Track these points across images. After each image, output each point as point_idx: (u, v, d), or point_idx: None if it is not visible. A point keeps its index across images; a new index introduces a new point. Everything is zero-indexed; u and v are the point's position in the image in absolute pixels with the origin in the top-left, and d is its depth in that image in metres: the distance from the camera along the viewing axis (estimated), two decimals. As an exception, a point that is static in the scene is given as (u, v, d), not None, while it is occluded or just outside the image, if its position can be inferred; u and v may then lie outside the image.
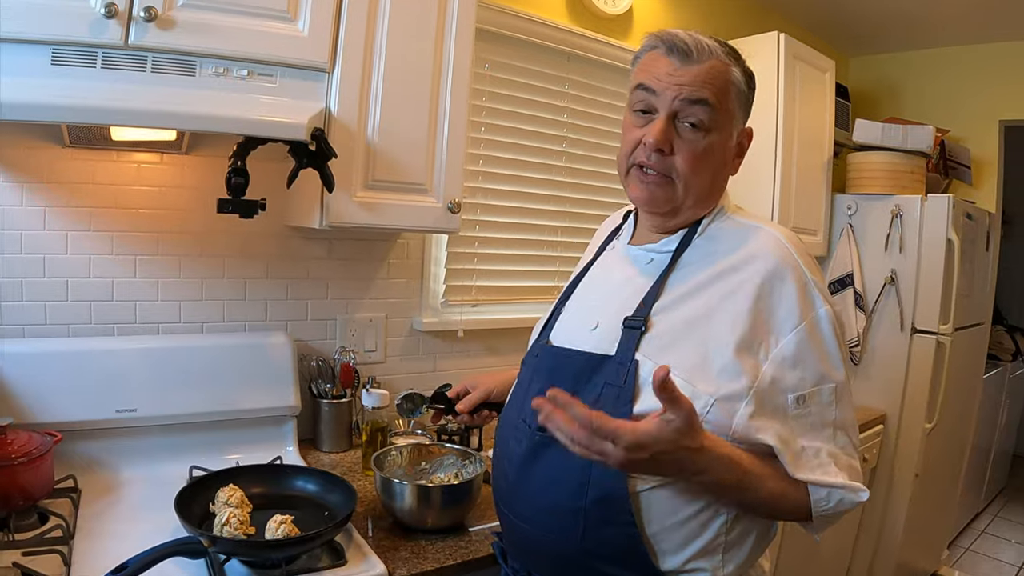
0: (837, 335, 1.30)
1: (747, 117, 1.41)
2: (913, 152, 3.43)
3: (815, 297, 1.28)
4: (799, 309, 1.26)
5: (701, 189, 1.36)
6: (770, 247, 1.31)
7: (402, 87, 1.96)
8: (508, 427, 1.46)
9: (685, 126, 1.32)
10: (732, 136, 1.38)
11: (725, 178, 1.42)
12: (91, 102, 1.50)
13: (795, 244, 1.33)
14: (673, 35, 1.33)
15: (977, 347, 4.00)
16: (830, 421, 1.28)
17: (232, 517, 1.53)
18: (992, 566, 4.36)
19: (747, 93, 1.38)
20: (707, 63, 1.31)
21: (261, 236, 2.24)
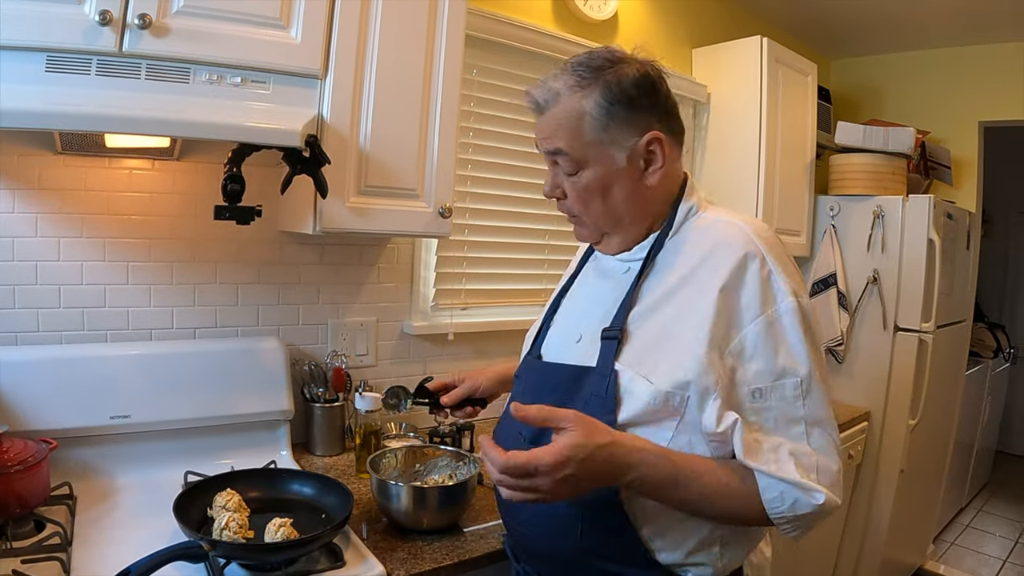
0: (805, 328, 1.26)
1: (648, 122, 1.32)
2: (894, 153, 3.47)
3: (778, 290, 1.26)
4: (759, 301, 1.25)
5: (611, 218, 1.39)
6: (736, 240, 1.30)
7: (394, 93, 1.97)
8: (504, 438, 1.46)
9: (561, 172, 1.37)
10: (616, 159, 1.33)
11: (642, 195, 1.36)
12: (86, 109, 1.50)
13: (764, 236, 1.30)
14: (530, 91, 1.37)
15: (959, 344, 4.05)
16: (798, 417, 1.25)
17: (231, 521, 1.53)
18: (977, 559, 4.41)
19: (616, 107, 1.30)
20: (556, 108, 1.33)
21: (253, 242, 2.24)
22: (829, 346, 3.48)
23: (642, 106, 1.31)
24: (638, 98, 1.30)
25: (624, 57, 1.34)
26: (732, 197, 3.36)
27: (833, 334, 3.46)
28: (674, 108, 1.37)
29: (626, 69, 1.31)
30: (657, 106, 1.33)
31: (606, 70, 1.30)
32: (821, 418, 1.26)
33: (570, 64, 1.34)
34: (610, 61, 1.32)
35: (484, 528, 1.77)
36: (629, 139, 1.31)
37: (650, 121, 1.32)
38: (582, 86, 1.31)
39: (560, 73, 1.34)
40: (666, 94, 1.35)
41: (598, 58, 1.33)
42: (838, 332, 3.45)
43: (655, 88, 1.33)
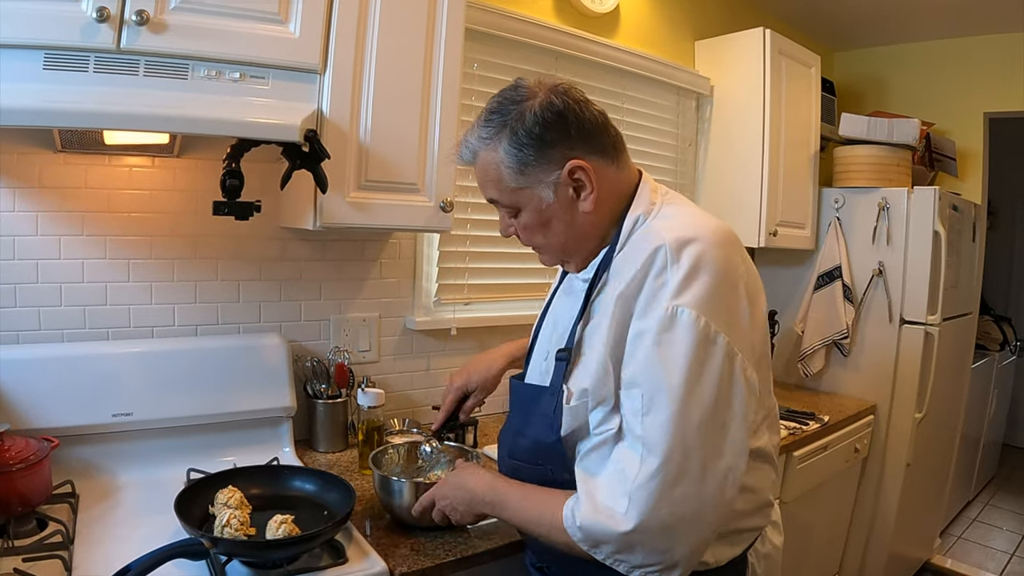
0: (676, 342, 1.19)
1: (564, 153, 1.32)
2: (899, 145, 3.45)
3: (663, 296, 1.22)
4: (643, 306, 1.24)
5: (559, 246, 1.42)
6: (647, 247, 1.27)
7: (393, 87, 1.96)
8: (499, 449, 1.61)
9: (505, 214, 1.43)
10: (544, 197, 1.34)
11: (582, 221, 1.37)
12: (85, 106, 1.50)
13: (676, 243, 1.24)
14: (458, 148, 1.43)
15: (965, 337, 4.03)
16: (636, 435, 1.22)
17: (232, 518, 1.53)
18: (984, 554, 4.39)
19: (526, 151, 1.31)
20: (477, 163, 1.39)
21: (254, 238, 2.23)
22: (835, 339, 3.47)
23: (552, 140, 1.31)
24: (545, 134, 1.30)
25: (528, 94, 1.33)
26: (736, 190, 3.36)
27: (839, 327, 3.44)
28: (593, 127, 1.35)
29: (528, 107, 1.31)
30: (569, 135, 1.32)
31: (510, 114, 1.32)
32: (655, 446, 1.18)
33: (483, 112, 1.37)
34: (513, 102, 1.33)
35: (487, 524, 1.75)
36: (550, 175, 1.32)
37: (565, 152, 1.32)
38: (491, 137, 1.34)
39: (475, 125, 1.38)
40: (578, 117, 1.32)
41: (506, 101, 1.34)
42: (843, 325, 3.43)
43: (562, 117, 1.31)
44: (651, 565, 1.21)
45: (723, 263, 1.24)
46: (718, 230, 1.30)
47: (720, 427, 1.20)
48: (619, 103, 3.16)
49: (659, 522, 1.17)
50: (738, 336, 1.22)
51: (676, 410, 1.18)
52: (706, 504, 1.19)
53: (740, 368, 1.22)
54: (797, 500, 2.84)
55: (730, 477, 1.20)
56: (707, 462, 1.18)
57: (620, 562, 1.23)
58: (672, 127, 3.47)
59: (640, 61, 3.15)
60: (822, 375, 3.64)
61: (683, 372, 1.18)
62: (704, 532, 1.20)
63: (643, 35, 3.26)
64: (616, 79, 3.13)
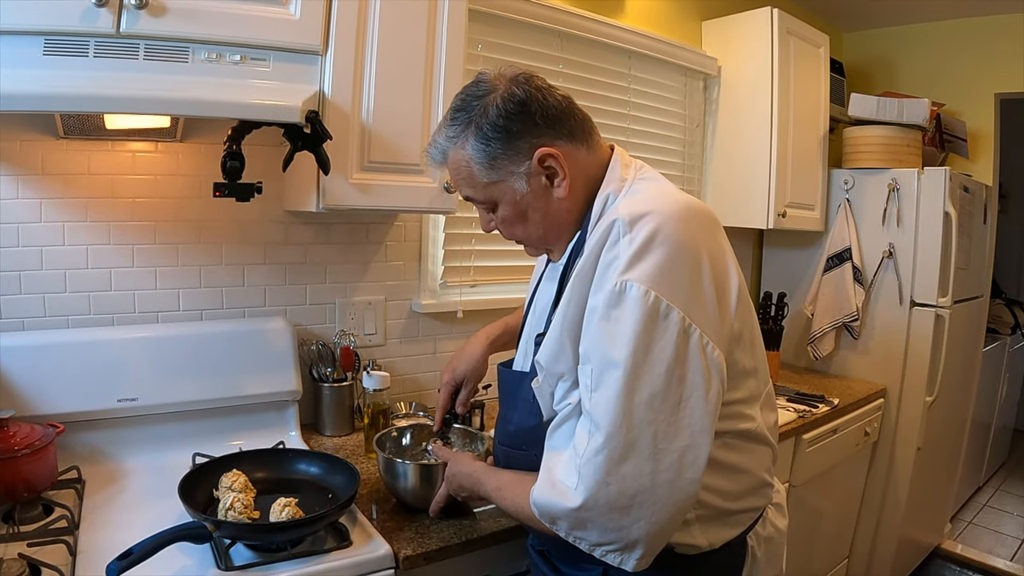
0: (623, 318, 1.17)
1: (531, 142, 1.32)
2: (909, 125, 3.42)
3: (615, 270, 1.20)
4: (598, 283, 1.23)
5: (539, 237, 1.42)
6: (603, 225, 1.26)
7: (396, 68, 1.95)
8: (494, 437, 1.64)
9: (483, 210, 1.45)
10: (517, 188, 1.35)
11: (558, 208, 1.37)
12: (85, 90, 1.50)
13: (630, 217, 1.22)
14: (427, 150, 1.43)
15: (976, 320, 4.00)
16: (587, 408, 1.21)
17: (236, 502, 1.53)
18: (995, 539, 4.38)
19: (493, 144, 1.32)
20: (449, 162, 1.40)
21: (258, 222, 2.23)
22: (845, 322, 3.45)
23: (518, 131, 1.31)
24: (510, 125, 1.31)
25: (489, 87, 1.34)
26: (744, 171, 3.35)
27: (849, 309, 3.42)
28: (558, 112, 1.34)
29: (490, 100, 1.32)
30: (535, 123, 1.31)
31: (473, 110, 1.33)
32: (601, 422, 1.17)
33: (449, 111, 1.38)
34: (476, 97, 1.33)
35: (493, 508, 1.76)
36: (520, 165, 1.32)
37: (533, 140, 1.32)
38: (458, 135, 1.35)
39: (442, 124, 1.39)
40: (542, 104, 1.32)
41: (468, 97, 1.35)
42: (853, 308, 3.40)
43: (525, 106, 1.31)
44: (608, 543, 1.20)
45: (680, 236, 1.20)
46: (681, 204, 1.26)
47: (675, 405, 1.17)
48: (626, 84, 3.14)
49: (607, 499, 1.16)
50: (698, 313, 1.19)
51: (622, 386, 1.16)
52: (660, 483, 1.16)
53: (698, 345, 1.18)
54: (806, 484, 2.83)
55: (688, 457, 1.17)
56: (659, 440, 1.16)
57: (579, 540, 1.23)
58: (679, 108, 3.44)
59: (647, 41, 3.12)
60: (832, 358, 3.62)
61: (629, 347, 1.16)
62: (661, 512, 1.17)
63: (650, 15, 3.24)
64: (623, 60, 3.11)
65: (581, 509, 1.18)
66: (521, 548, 1.67)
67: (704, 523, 1.33)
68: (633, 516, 1.16)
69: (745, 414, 1.35)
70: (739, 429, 1.34)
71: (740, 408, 1.34)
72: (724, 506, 1.35)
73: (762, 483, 1.43)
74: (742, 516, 1.40)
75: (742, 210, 3.34)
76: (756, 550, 1.46)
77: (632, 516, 1.16)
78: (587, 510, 1.17)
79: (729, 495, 1.35)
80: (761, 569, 1.48)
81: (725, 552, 1.39)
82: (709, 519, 1.34)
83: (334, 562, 1.48)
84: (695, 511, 1.31)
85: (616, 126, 3.11)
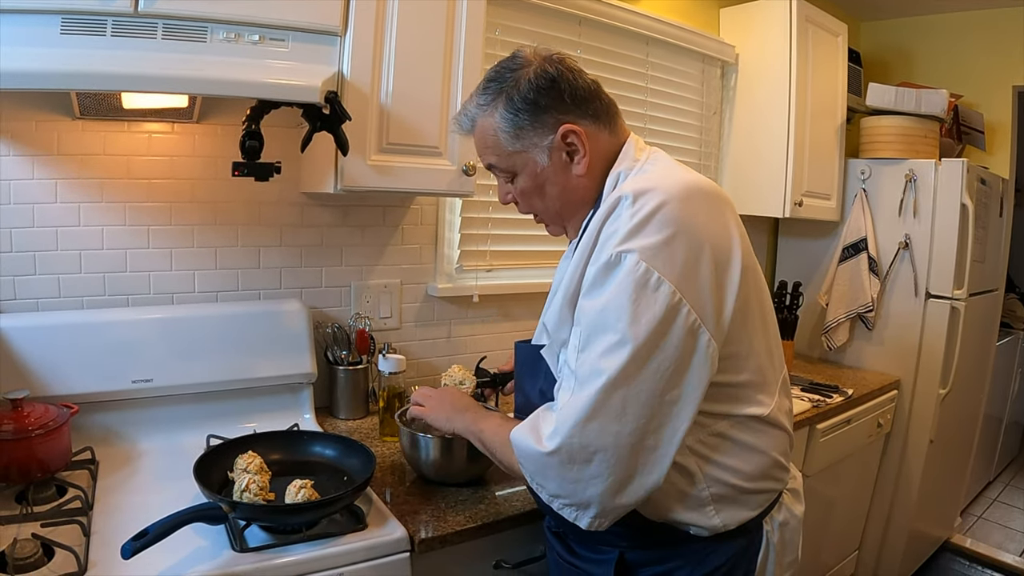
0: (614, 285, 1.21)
1: (557, 118, 1.37)
2: (927, 116, 3.38)
3: (612, 240, 1.23)
4: (597, 253, 1.27)
5: (555, 212, 1.47)
6: (611, 201, 1.30)
7: (415, 50, 1.94)
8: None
9: (503, 180, 1.49)
10: (539, 160, 1.39)
11: (576, 185, 1.41)
12: (103, 68, 1.50)
13: (634, 193, 1.26)
14: (455, 118, 1.49)
15: (990, 314, 3.98)
16: (572, 368, 1.26)
17: (252, 483, 1.53)
18: (1004, 534, 4.36)
19: (521, 115, 1.37)
20: (476, 130, 1.45)
21: (274, 204, 2.23)
22: (859, 312, 3.43)
23: (546, 105, 1.37)
24: (539, 99, 1.36)
25: (524, 62, 1.39)
26: (761, 160, 3.33)
27: (863, 300, 3.40)
28: (586, 93, 1.39)
29: (523, 74, 1.37)
30: (562, 100, 1.37)
31: (506, 81, 1.39)
32: (583, 381, 1.22)
33: (481, 82, 1.44)
34: (510, 70, 1.39)
35: (511, 492, 1.77)
36: (544, 139, 1.38)
37: (559, 116, 1.37)
38: (488, 103, 1.41)
39: (474, 93, 1.45)
40: (571, 84, 1.37)
41: (503, 70, 1.41)
42: (868, 298, 3.38)
43: (555, 83, 1.36)
44: (564, 496, 1.25)
45: (681, 215, 1.23)
46: (686, 183, 1.30)
47: (652, 375, 1.19)
48: (643, 70, 3.12)
49: (569, 450, 1.21)
50: (691, 292, 1.21)
51: (604, 349, 1.20)
52: (622, 444, 1.19)
53: (684, 322, 1.20)
54: (819, 474, 2.82)
55: (653, 424, 1.21)
56: (628, 405, 1.19)
57: (540, 487, 1.29)
58: (697, 95, 3.42)
59: (665, 28, 3.10)
60: (846, 348, 3.60)
61: (614, 314, 1.20)
62: (618, 474, 1.21)
63: (668, 2, 3.21)
64: (640, 46, 3.09)
65: (546, 455, 1.23)
66: (537, 532, 1.67)
67: (718, 502, 1.34)
68: (590, 472, 1.21)
69: (755, 398, 1.36)
70: (748, 413, 1.35)
71: (748, 392, 1.35)
72: (738, 484, 1.36)
73: (777, 465, 1.43)
74: (757, 497, 1.40)
75: (758, 198, 3.32)
76: (771, 535, 1.46)
77: (589, 472, 1.21)
78: (550, 457, 1.23)
79: (743, 475, 1.36)
80: (777, 554, 1.48)
81: (740, 535, 1.39)
82: (723, 498, 1.35)
83: (349, 545, 1.48)
84: (709, 489, 1.33)
85: (633, 112, 3.09)
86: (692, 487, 1.33)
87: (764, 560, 1.46)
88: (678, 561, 1.37)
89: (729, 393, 1.31)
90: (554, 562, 1.54)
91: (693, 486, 1.33)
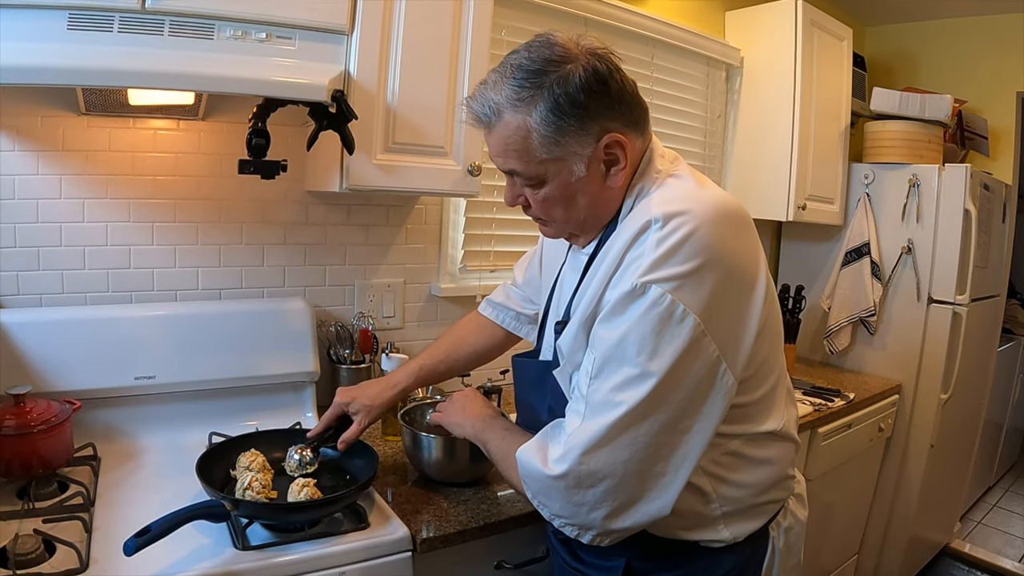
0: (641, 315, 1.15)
1: (604, 125, 1.23)
2: (931, 121, 3.39)
3: (636, 269, 1.17)
4: (619, 277, 1.21)
5: (576, 222, 1.34)
6: (638, 221, 1.22)
7: (422, 49, 1.94)
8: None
9: (520, 183, 1.32)
10: (575, 170, 1.25)
11: (607, 197, 1.30)
12: (110, 64, 1.49)
13: (664, 217, 1.18)
14: (469, 103, 1.29)
15: (992, 320, 3.98)
16: (582, 394, 1.22)
17: (254, 481, 1.53)
18: (1004, 540, 4.36)
19: (566, 120, 1.20)
20: (500, 126, 1.25)
21: (279, 202, 2.22)
22: (861, 317, 3.43)
23: (595, 110, 1.21)
24: (589, 103, 1.20)
25: (568, 55, 1.22)
26: (765, 163, 3.33)
27: (866, 304, 3.40)
28: (630, 97, 1.26)
29: (572, 69, 1.20)
30: (611, 105, 1.23)
31: (549, 74, 1.20)
32: (593, 410, 1.19)
33: (510, 67, 1.24)
34: (554, 63, 1.21)
35: (514, 493, 1.76)
36: (586, 148, 1.23)
37: (605, 123, 1.23)
38: (524, 99, 1.21)
39: (499, 80, 1.24)
40: (620, 86, 1.24)
41: (539, 59, 1.21)
42: (871, 302, 3.38)
43: (606, 85, 1.21)
44: (566, 517, 1.23)
45: (711, 243, 1.16)
46: (716, 206, 1.21)
47: (667, 407, 1.16)
48: (648, 72, 3.12)
49: (576, 476, 1.18)
50: (717, 325, 1.16)
51: (620, 381, 1.16)
52: (629, 472, 1.17)
53: (706, 355, 1.16)
54: (820, 478, 2.82)
55: (662, 453, 1.18)
56: (639, 435, 1.16)
57: (542, 506, 1.27)
58: (701, 98, 3.42)
59: (670, 30, 3.10)
60: (847, 352, 3.60)
61: (636, 346, 1.15)
62: (624, 501, 1.19)
63: (674, 4, 3.21)
64: (646, 48, 3.09)
65: (552, 478, 1.21)
66: (539, 533, 1.67)
67: (728, 517, 1.34)
68: (594, 497, 1.19)
69: (769, 414, 1.35)
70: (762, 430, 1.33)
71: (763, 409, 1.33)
72: (748, 500, 1.35)
73: (787, 475, 1.43)
74: (766, 508, 1.40)
75: (762, 202, 3.32)
76: (777, 541, 1.46)
77: (593, 496, 1.19)
78: (556, 481, 1.20)
79: (754, 488, 1.36)
80: (781, 559, 1.47)
81: (748, 544, 1.39)
82: (733, 513, 1.34)
83: (351, 543, 1.48)
84: (721, 508, 1.32)
85: None
86: (705, 507, 1.32)
87: (770, 565, 1.45)
88: (685, 569, 1.37)
89: (746, 413, 1.29)
90: (559, 567, 1.54)
91: (706, 505, 1.32)
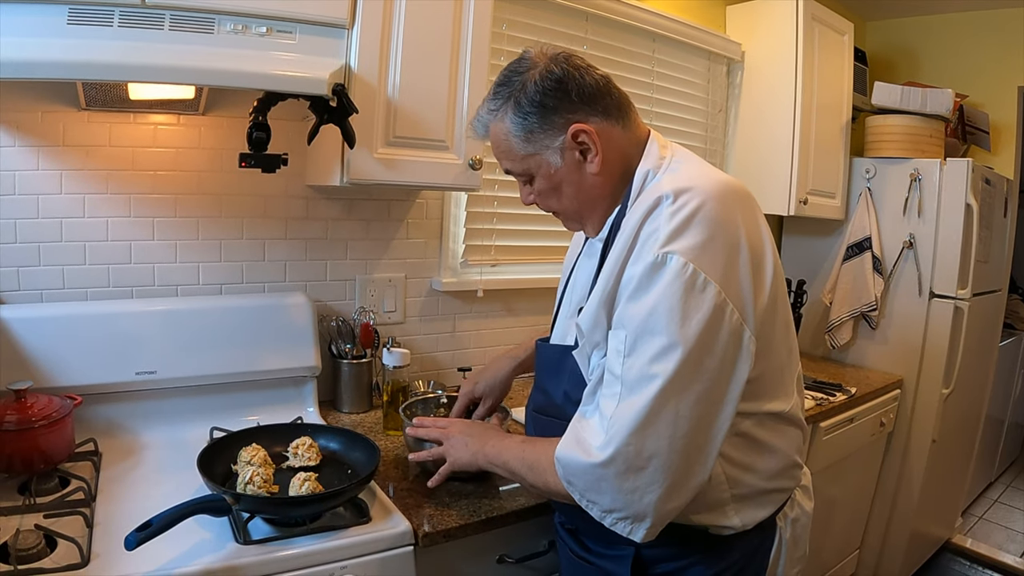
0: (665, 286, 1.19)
1: (566, 118, 1.35)
2: (932, 116, 3.38)
3: (656, 242, 1.22)
4: (637, 253, 1.25)
5: (573, 211, 1.46)
6: (649, 200, 1.28)
7: (422, 43, 1.93)
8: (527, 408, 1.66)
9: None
10: (552, 162, 1.38)
11: (591, 184, 1.39)
12: (110, 58, 1.49)
13: (675, 193, 1.25)
14: (471, 123, 1.48)
15: (993, 314, 3.98)
16: (616, 375, 1.24)
17: (256, 475, 1.53)
18: (1005, 535, 4.36)
19: (530, 118, 1.35)
20: (491, 136, 1.44)
21: (279, 197, 2.22)
22: (863, 311, 3.42)
23: (553, 106, 1.35)
24: (546, 100, 1.34)
25: (530, 64, 1.37)
26: (766, 158, 3.32)
27: (867, 299, 3.39)
28: (594, 90, 1.36)
29: (529, 77, 1.35)
30: (570, 99, 1.34)
31: (514, 85, 1.37)
32: (633, 387, 1.20)
33: (493, 86, 1.43)
34: (517, 73, 1.38)
35: (515, 487, 1.75)
36: (555, 140, 1.36)
37: (568, 116, 1.35)
38: (498, 108, 1.39)
39: (485, 99, 1.44)
40: (578, 82, 1.35)
41: (511, 73, 1.39)
42: (872, 297, 3.38)
43: (561, 83, 1.34)
44: (619, 510, 1.22)
45: (721, 215, 1.23)
46: (722, 184, 1.30)
47: (701, 376, 1.19)
48: (649, 67, 3.12)
49: (626, 458, 1.19)
50: (734, 291, 1.21)
51: (654, 353, 1.18)
52: (676, 449, 1.19)
53: (730, 321, 1.20)
54: (821, 472, 2.81)
55: (703, 424, 1.21)
56: (680, 408, 1.18)
57: (591, 504, 1.25)
58: (702, 92, 3.41)
59: (671, 24, 3.10)
60: (849, 347, 3.59)
61: (664, 317, 1.18)
62: (673, 479, 1.20)
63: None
64: (647, 43, 3.09)
65: (600, 466, 1.20)
66: (541, 527, 1.67)
67: (738, 502, 1.35)
68: (645, 479, 1.19)
69: (775, 393, 1.36)
70: (768, 410, 1.35)
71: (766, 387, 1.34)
72: (758, 484, 1.37)
73: (794, 463, 1.44)
74: (774, 495, 1.42)
75: (763, 196, 3.28)
76: (784, 532, 1.47)
77: (644, 479, 1.19)
78: (605, 467, 1.20)
79: (762, 473, 1.37)
80: (788, 550, 1.49)
81: (756, 533, 1.40)
82: (743, 498, 1.35)
83: (353, 538, 1.48)
84: (730, 490, 1.33)
85: (639, 108, 3.01)
86: (715, 489, 1.32)
87: (776, 556, 1.47)
88: (694, 558, 1.38)
89: (751, 390, 1.29)
90: (567, 558, 1.54)
91: (716, 488, 1.32)
